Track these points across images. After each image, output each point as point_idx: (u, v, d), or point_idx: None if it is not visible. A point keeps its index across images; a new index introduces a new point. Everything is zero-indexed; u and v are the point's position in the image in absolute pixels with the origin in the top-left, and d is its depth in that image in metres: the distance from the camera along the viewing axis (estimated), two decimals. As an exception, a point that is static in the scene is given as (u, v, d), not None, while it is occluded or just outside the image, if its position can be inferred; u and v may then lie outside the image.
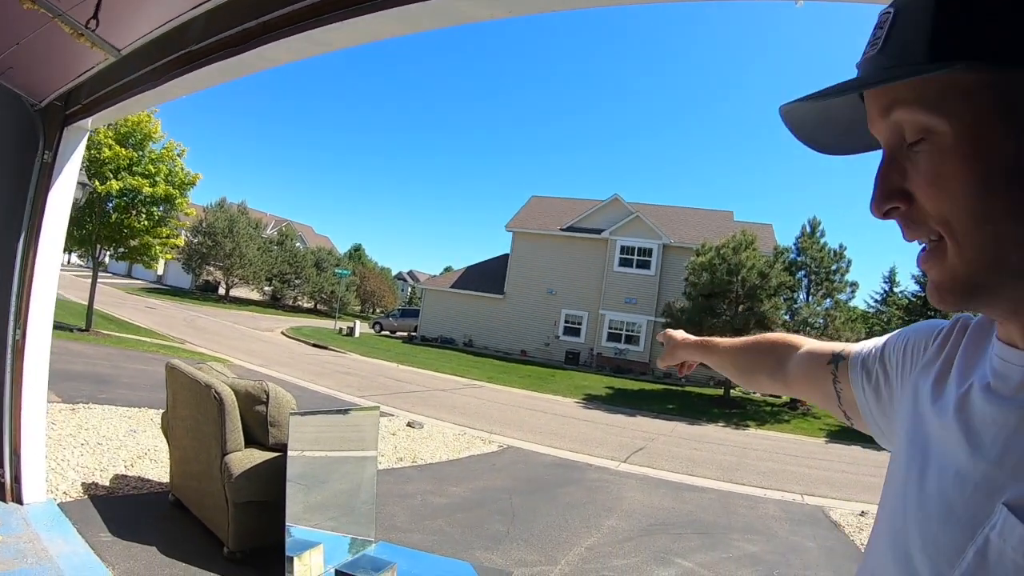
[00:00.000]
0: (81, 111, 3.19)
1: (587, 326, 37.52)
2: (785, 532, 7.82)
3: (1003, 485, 0.60)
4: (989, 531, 0.59)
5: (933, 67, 0.59)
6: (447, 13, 1.77)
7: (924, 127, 0.61)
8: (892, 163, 0.66)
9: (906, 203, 0.65)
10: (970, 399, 0.70)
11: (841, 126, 0.73)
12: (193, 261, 48.95)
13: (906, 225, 0.66)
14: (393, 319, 47.66)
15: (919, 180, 0.63)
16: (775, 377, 1.26)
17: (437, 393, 18.23)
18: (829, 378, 1.07)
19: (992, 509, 0.60)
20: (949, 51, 0.58)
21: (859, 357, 1.01)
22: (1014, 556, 0.56)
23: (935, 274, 0.65)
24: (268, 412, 4.73)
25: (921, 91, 0.61)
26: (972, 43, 0.57)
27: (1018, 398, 0.64)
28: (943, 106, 0.60)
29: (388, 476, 7.86)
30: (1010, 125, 0.57)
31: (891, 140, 0.66)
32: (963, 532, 0.62)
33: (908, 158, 0.64)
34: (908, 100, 0.62)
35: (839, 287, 26.40)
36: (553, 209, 41.53)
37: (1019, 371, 0.65)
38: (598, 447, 12.87)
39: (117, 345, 16.38)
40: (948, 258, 0.63)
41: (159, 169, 18.33)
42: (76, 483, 5.42)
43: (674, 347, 1.54)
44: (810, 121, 0.74)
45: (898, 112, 0.63)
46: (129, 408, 8.82)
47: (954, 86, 0.59)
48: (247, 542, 4.48)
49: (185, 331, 24.48)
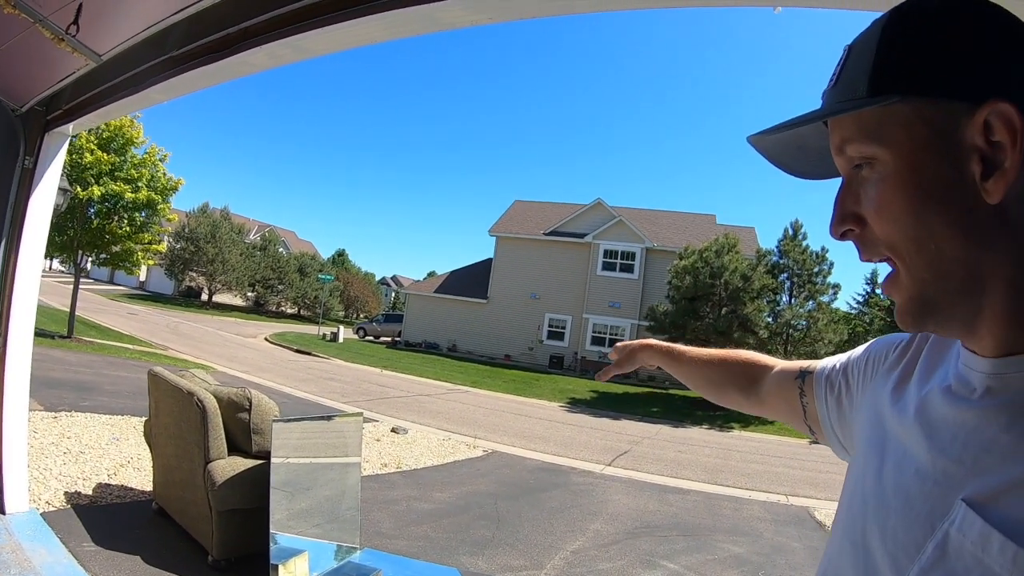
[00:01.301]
0: (62, 116, 3.17)
1: (571, 330, 37.55)
2: (770, 533, 7.86)
3: (961, 482, 0.63)
4: (948, 526, 0.62)
5: (871, 101, 0.66)
6: (429, 20, 1.77)
7: (869, 157, 0.68)
8: (848, 189, 0.72)
9: (859, 226, 0.70)
10: (931, 401, 0.74)
11: (814, 152, 0.79)
12: (175, 267, 48.57)
13: (860, 246, 0.72)
14: (377, 324, 47.54)
15: (868, 206, 0.69)
16: (748, 394, 1.28)
17: (421, 398, 18.19)
18: (796, 392, 1.11)
19: (951, 505, 0.62)
20: (886, 86, 0.65)
21: (823, 371, 1.06)
22: (973, 550, 0.58)
23: (896, 298, 0.70)
24: (251, 419, 4.70)
25: (864, 124, 0.68)
26: (906, 78, 0.64)
27: (977, 400, 0.67)
28: (883, 136, 0.66)
29: (373, 482, 7.83)
30: (944, 150, 0.63)
31: (847, 169, 0.72)
32: (922, 527, 0.65)
33: (861, 184, 0.70)
34: (855, 136, 0.69)
35: (821, 289, 26.52)
36: (536, 213, 41.59)
37: (980, 376, 0.67)
38: (583, 451, 12.89)
39: (99, 352, 16.23)
40: (902, 283, 0.68)
41: (141, 174, 18.14)
42: (59, 492, 5.36)
43: (632, 352, 1.50)
44: (785, 148, 0.81)
45: (850, 148, 0.70)
46: (111, 416, 8.72)
47: (891, 118, 0.66)
48: (231, 550, 4.45)
49: (168, 337, 24.29)
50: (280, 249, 58.78)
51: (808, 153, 0.80)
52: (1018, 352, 0.64)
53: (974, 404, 0.67)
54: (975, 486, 0.61)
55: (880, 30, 0.68)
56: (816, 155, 0.79)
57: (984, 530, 0.58)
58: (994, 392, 0.65)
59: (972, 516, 0.59)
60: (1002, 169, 0.61)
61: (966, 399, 0.68)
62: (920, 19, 0.66)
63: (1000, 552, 0.56)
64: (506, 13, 1.70)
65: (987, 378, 0.67)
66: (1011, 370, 0.64)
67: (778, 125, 0.73)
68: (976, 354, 0.69)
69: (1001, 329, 0.65)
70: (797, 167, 0.83)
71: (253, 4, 2.02)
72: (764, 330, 25.39)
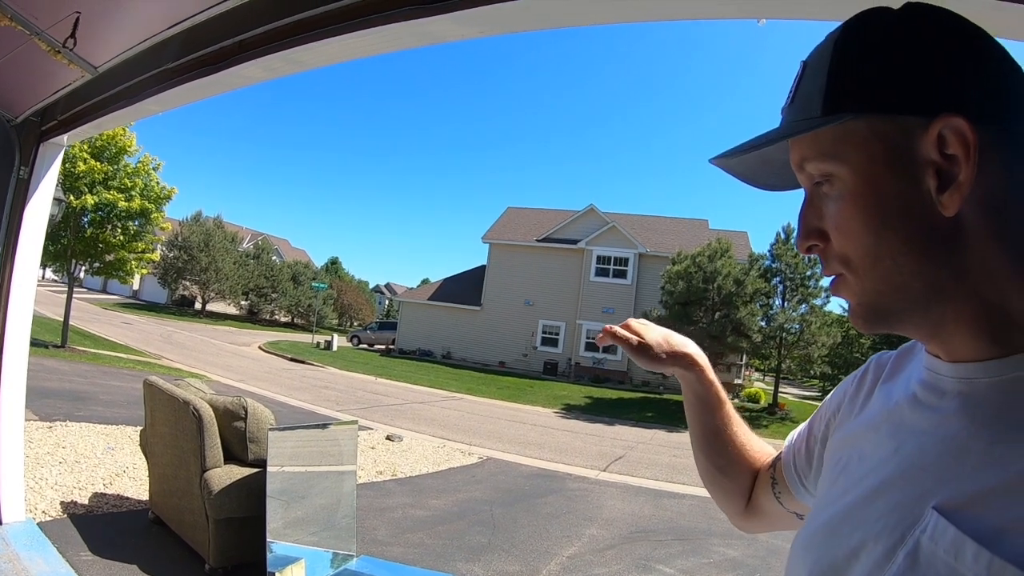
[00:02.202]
0: (57, 127, 3.18)
1: (565, 336, 37.56)
2: (765, 536, 7.86)
3: (931, 490, 0.62)
4: (919, 534, 0.60)
5: (827, 120, 0.66)
6: (421, 34, 1.80)
7: (827, 174, 0.69)
8: (811, 205, 0.72)
9: (823, 241, 0.71)
10: (897, 411, 0.74)
11: (779, 164, 0.78)
12: (169, 276, 48.35)
13: (824, 261, 0.72)
14: (371, 332, 47.46)
15: (829, 223, 0.70)
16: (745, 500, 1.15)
17: (416, 406, 18.18)
18: (769, 484, 1.08)
19: (921, 513, 0.61)
20: (840, 104, 0.66)
21: (789, 446, 1.05)
22: (945, 558, 0.57)
23: (846, 301, 0.71)
24: (247, 428, 4.72)
25: (821, 143, 0.68)
26: (860, 96, 0.65)
27: (944, 407, 0.67)
28: (839, 155, 0.67)
29: (368, 490, 7.84)
30: (899, 167, 0.64)
31: (808, 185, 0.73)
32: (891, 537, 0.63)
33: (822, 200, 0.71)
34: (812, 154, 0.69)
35: (814, 292, 26.58)
36: (529, 220, 41.62)
37: (946, 381, 0.68)
38: (578, 456, 12.90)
39: (93, 361, 16.20)
40: (852, 290, 0.70)
41: (135, 183, 18.14)
42: (55, 502, 5.37)
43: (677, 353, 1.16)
44: (749, 165, 0.81)
45: (808, 166, 0.70)
46: (107, 425, 8.72)
47: (847, 136, 0.66)
48: (228, 559, 4.46)
49: (162, 347, 24.23)
50: (273, 257, 58.70)
51: (773, 166, 0.80)
52: (983, 358, 0.65)
53: (940, 411, 0.67)
54: (945, 494, 0.61)
55: (832, 46, 0.69)
56: (781, 167, 0.79)
57: (957, 538, 0.57)
58: (961, 398, 0.66)
59: (944, 524, 0.59)
60: (956, 183, 0.61)
61: (932, 406, 0.69)
62: (870, 33, 0.67)
63: (974, 560, 0.55)
64: (497, 27, 1.73)
65: (954, 383, 0.67)
66: (978, 375, 0.65)
67: (737, 147, 0.73)
68: (940, 359, 0.69)
69: (966, 336, 0.65)
70: (764, 180, 0.83)
71: (249, 18, 2.04)
72: (757, 334, 25.48)
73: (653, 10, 1.53)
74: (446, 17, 1.65)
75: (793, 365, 30.91)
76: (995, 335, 0.64)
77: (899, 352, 0.85)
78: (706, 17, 1.50)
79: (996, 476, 0.58)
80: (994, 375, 0.64)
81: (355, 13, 1.79)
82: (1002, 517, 0.55)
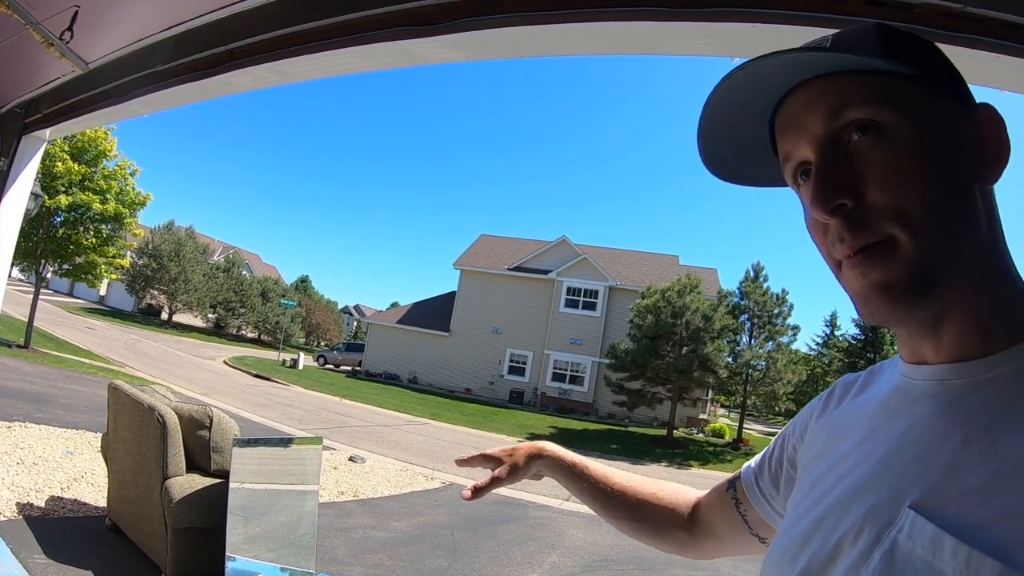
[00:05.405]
0: (41, 120, 3.17)
1: (532, 366, 37.61)
2: (728, 568, 7.90)
3: (905, 490, 0.63)
4: (896, 533, 0.60)
5: (895, 64, 0.65)
6: (406, 54, 1.85)
7: (876, 122, 0.64)
8: (836, 162, 0.66)
9: (853, 199, 0.64)
10: (869, 420, 0.75)
11: (744, 141, 0.78)
12: (137, 283, 47.59)
13: (850, 225, 0.65)
14: (338, 353, 47.20)
15: (875, 174, 0.64)
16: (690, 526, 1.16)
17: (380, 428, 18.08)
18: (732, 505, 1.07)
19: (896, 514, 0.62)
20: (903, 55, 0.66)
21: (750, 468, 1.06)
22: (923, 555, 0.57)
23: (883, 273, 0.64)
24: (211, 437, 4.68)
25: (879, 88, 0.65)
26: (919, 60, 0.67)
27: (916, 410, 0.68)
28: (900, 104, 0.64)
29: (329, 509, 7.77)
30: (954, 133, 0.66)
31: (832, 140, 0.67)
32: (867, 538, 0.63)
33: (852, 157, 0.65)
34: (863, 98, 0.65)
35: (781, 330, 26.95)
36: (502, 248, 41.79)
37: (920, 384, 0.69)
38: (541, 485, 12.64)
39: (56, 364, 15.90)
40: (902, 253, 0.63)
41: (111, 186, 18.05)
42: (11, 503, 5.26)
43: (522, 461, 1.31)
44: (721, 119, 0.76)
45: (851, 111, 0.65)
46: (66, 429, 8.57)
47: (908, 89, 0.65)
48: (185, 569, 4.39)
49: (126, 355, 23.84)
50: (244, 272, 58.13)
51: (738, 136, 0.77)
52: (968, 357, 0.66)
53: (913, 415, 0.68)
54: (921, 493, 0.61)
55: (873, 26, 0.70)
56: (747, 146, 0.78)
57: (936, 534, 0.57)
58: (934, 400, 0.67)
59: (922, 522, 0.59)
60: (999, 158, 0.66)
61: (905, 411, 0.70)
62: (907, 32, 0.70)
63: (952, 555, 0.55)
64: (482, 52, 1.78)
65: (927, 386, 0.68)
66: (950, 377, 0.66)
67: (774, 53, 0.65)
68: (920, 364, 0.70)
69: (962, 328, 0.66)
70: (723, 151, 0.79)
71: (240, 27, 2.08)
72: (724, 369, 25.74)
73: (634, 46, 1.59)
74: (432, 40, 1.70)
75: (759, 401, 31.16)
76: (988, 328, 0.65)
77: (868, 371, 0.87)
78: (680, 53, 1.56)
79: (973, 473, 0.59)
80: (965, 376, 0.65)
81: (344, 31, 1.84)
82: (979, 513, 0.56)
